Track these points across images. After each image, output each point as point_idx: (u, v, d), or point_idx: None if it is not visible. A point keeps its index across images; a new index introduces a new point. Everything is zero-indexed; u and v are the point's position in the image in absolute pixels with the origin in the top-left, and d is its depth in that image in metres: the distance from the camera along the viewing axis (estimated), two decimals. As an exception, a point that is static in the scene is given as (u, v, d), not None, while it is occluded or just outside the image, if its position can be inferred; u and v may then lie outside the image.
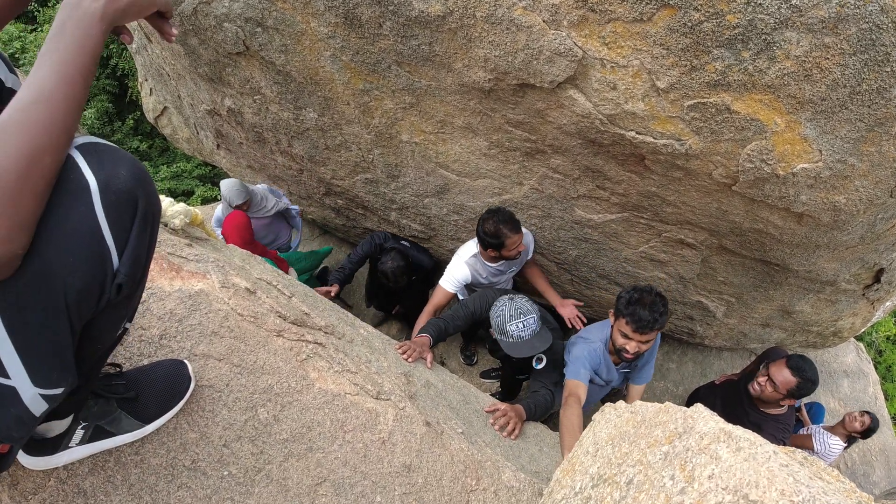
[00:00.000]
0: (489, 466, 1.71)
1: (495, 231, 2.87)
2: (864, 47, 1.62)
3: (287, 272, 4.29)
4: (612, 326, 2.63)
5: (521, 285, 3.95)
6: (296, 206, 4.85)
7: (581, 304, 3.44)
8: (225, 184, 4.18)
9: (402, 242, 3.87)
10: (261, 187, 4.45)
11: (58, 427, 1.10)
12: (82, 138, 0.82)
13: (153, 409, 1.28)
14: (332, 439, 1.49)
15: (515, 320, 2.59)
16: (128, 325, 1.01)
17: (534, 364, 2.69)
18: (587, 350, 2.66)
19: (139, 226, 0.84)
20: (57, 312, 0.76)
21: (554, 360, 2.68)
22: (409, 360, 2.17)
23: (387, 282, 3.67)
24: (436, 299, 3.24)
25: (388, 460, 1.54)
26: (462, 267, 3.22)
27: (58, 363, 0.81)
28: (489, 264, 3.18)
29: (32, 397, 0.80)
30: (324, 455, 1.46)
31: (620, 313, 2.46)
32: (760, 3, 1.58)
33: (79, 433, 1.16)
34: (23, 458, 1.13)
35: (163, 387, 1.30)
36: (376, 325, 4.62)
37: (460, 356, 4.61)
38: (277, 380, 1.51)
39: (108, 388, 1.21)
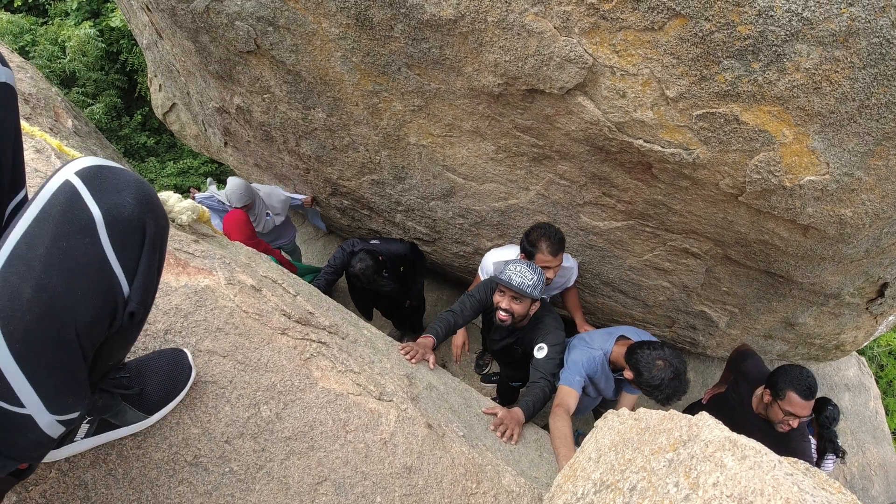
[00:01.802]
0: (490, 470, 1.71)
1: (535, 241, 2.82)
2: (874, 61, 1.62)
3: (294, 272, 4.30)
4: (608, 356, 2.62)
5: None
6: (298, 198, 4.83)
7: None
8: (231, 181, 4.19)
9: (372, 242, 3.87)
10: (265, 191, 4.47)
11: None
12: (83, 161, 0.79)
13: (156, 399, 1.28)
14: (334, 439, 1.49)
15: (519, 266, 2.62)
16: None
17: (535, 352, 2.69)
18: (586, 357, 2.64)
19: (148, 251, 0.82)
20: (68, 345, 0.76)
21: (555, 350, 2.67)
22: (413, 361, 2.17)
23: (361, 284, 3.66)
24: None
25: (389, 461, 1.54)
26: (489, 265, 3.22)
27: (72, 391, 0.81)
28: None
29: (49, 423, 0.80)
30: (325, 454, 1.46)
31: (649, 394, 2.38)
32: (772, 15, 1.59)
33: (84, 427, 1.16)
34: None
35: (165, 377, 1.30)
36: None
37: (473, 364, 4.64)
38: (281, 378, 1.51)
39: (113, 383, 1.21)
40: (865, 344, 3.99)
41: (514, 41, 2.03)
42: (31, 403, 0.76)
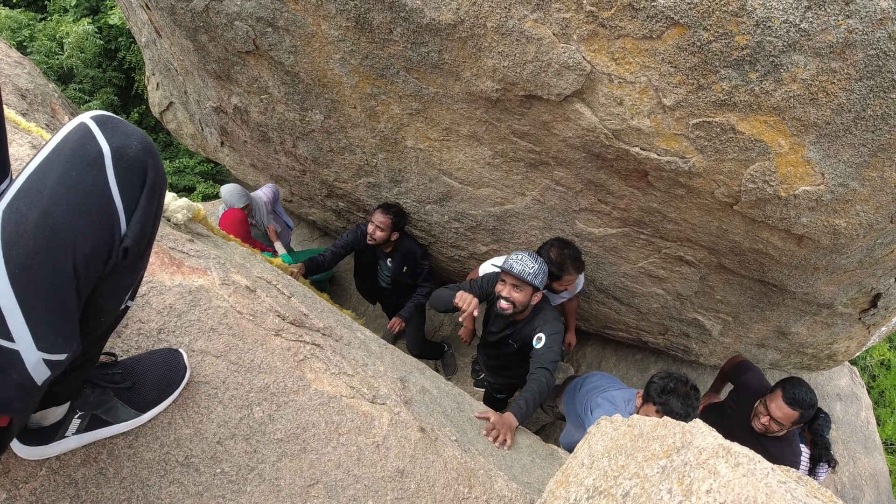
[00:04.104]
0: (482, 475, 1.71)
1: (560, 262, 2.85)
2: (870, 73, 1.63)
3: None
4: (636, 406, 2.58)
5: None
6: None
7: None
8: (227, 188, 4.20)
9: None
10: (261, 195, 4.49)
11: (54, 415, 1.10)
12: (97, 110, 0.85)
13: (149, 397, 1.28)
14: (327, 441, 1.49)
15: (521, 255, 2.64)
16: (130, 304, 1.02)
17: (533, 343, 2.68)
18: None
19: (148, 193, 0.86)
20: (65, 274, 0.78)
21: (553, 339, 2.67)
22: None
23: (374, 241, 3.63)
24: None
25: (381, 465, 1.53)
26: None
27: (63, 328, 0.82)
28: None
29: (36, 363, 0.80)
30: (317, 456, 1.45)
31: (651, 399, 2.40)
32: (769, 26, 1.60)
33: (75, 422, 1.15)
34: (17, 447, 1.12)
35: (159, 375, 1.30)
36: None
37: (470, 370, 4.61)
38: (274, 379, 1.51)
39: (105, 377, 1.20)
40: (858, 354, 4.00)
41: (513, 47, 2.03)
42: (21, 337, 0.77)
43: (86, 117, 0.82)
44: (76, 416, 1.15)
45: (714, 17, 1.64)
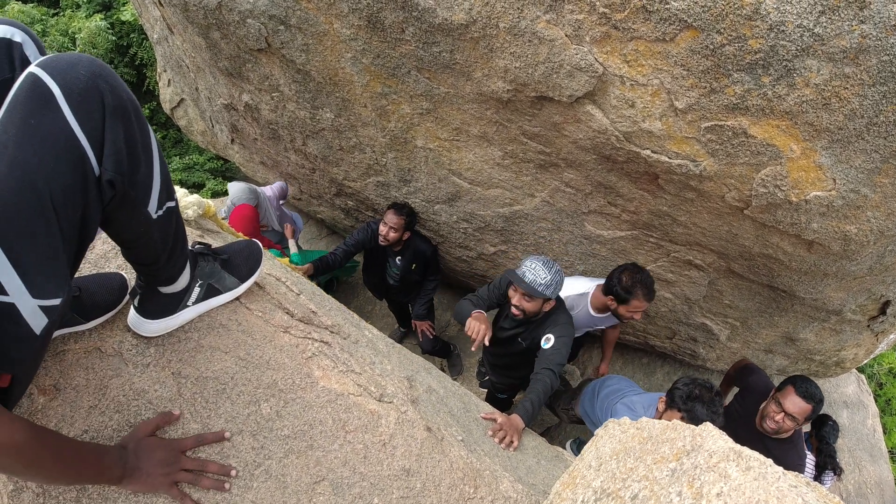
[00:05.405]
0: (487, 476, 1.71)
1: (630, 286, 2.78)
2: (883, 79, 1.62)
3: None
4: (658, 411, 2.57)
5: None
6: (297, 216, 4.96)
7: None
8: (234, 186, 4.19)
9: None
10: (268, 192, 4.50)
11: (181, 282, 1.29)
12: (42, 58, 0.84)
13: (244, 270, 1.52)
14: (333, 438, 1.49)
15: (535, 264, 2.59)
16: (171, 205, 1.07)
17: (542, 343, 2.67)
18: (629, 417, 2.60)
19: (110, 120, 0.85)
20: (45, 217, 0.78)
21: (562, 342, 2.65)
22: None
23: (386, 242, 3.61)
24: None
25: (387, 463, 1.53)
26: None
27: (52, 272, 0.82)
28: (592, 310, 3.09)
29: (32, 311, 0.81)
30: (324, 454, 1.46)
31: (676, 406, 2.38)
32: (783, 30, 1.60)
33: (196, 290, 1.36)
34: (143, 326, 1.30)
35: (245, 255, 1.53)
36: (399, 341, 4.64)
37: (475, 371, 4.61)
38: (282, 376, 1.51)
39: (210, 253, 1.44)
40: (865, 362, 3.97)
41: (525, 48, 2.03)
42: (14, 289, 0.78)
43: (32, 66, 0.82)
44: (197, 285, 1.36)
45: (728, 20, 1.64)
